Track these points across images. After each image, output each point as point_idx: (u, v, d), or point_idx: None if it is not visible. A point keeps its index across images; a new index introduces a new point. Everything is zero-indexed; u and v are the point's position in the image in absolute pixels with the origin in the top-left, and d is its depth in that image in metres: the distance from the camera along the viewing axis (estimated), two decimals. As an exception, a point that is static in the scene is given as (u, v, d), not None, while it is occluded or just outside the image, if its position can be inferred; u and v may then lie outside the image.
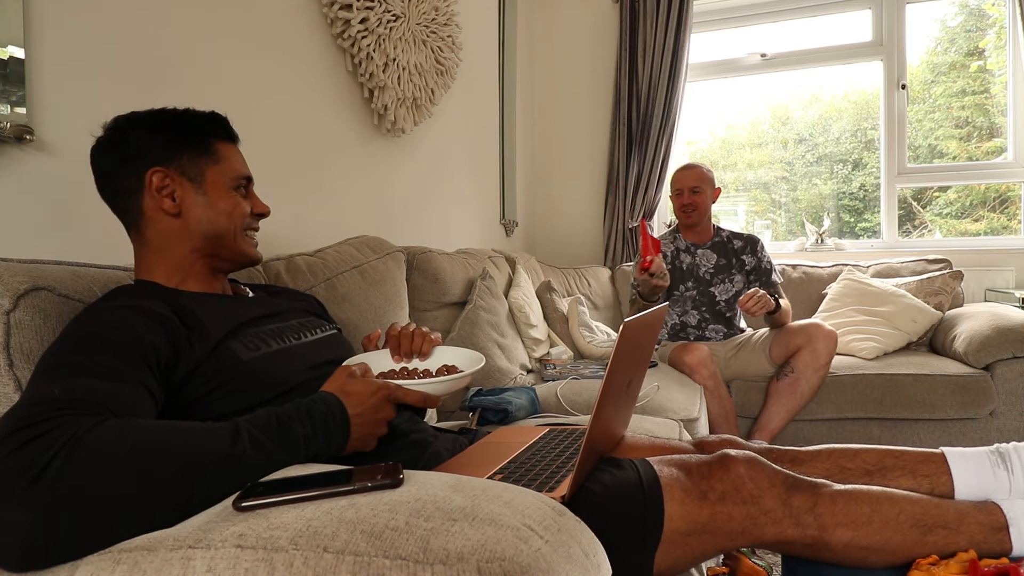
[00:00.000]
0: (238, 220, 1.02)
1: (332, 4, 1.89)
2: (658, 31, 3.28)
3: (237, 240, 1.03)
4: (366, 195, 2.14)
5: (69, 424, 0.61)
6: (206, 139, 1.01)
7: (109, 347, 0.76)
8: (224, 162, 1.02)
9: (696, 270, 2.50)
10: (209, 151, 1.00)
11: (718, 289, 2.51)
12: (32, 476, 0.56)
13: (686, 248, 2.53)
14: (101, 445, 0.60)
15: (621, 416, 1.13)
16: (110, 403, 0.68)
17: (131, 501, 0.60)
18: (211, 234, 1.00)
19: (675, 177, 2.53)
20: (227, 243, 1.02)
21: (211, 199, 0.99)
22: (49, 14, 1.15)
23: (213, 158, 1.00)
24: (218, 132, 1.03)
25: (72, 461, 0.58)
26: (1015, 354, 2.19)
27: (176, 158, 0.97)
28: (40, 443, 0.58)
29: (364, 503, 0.59)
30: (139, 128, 0.96)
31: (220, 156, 1.01)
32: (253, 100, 1.64)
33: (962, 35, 3.35)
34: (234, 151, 1.05)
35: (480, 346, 2.03)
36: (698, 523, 0.87)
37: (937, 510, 0.91)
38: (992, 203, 3.32)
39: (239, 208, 1.02)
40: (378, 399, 0.85)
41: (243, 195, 1.04)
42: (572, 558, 0.56)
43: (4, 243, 1.08)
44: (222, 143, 1.03)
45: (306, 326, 1.09)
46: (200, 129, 1.01)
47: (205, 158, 1.00)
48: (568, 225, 3.67)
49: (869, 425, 2.33)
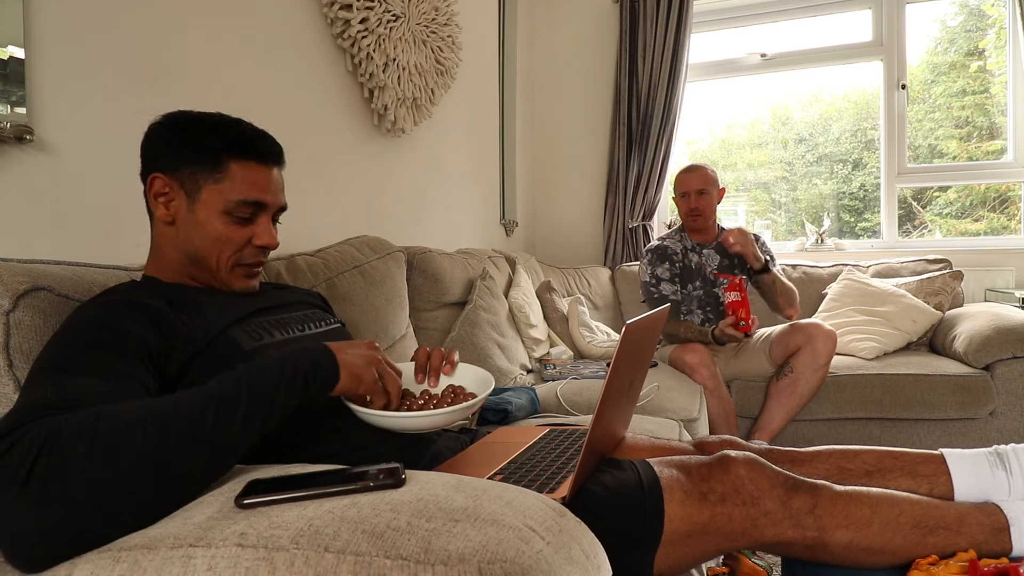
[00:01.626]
0: (225, 249, 0.96)
1: (332, 4, 1.89)
2: (658, 31, 3.28)
3: (220, 270, 0.97)
4: (366, 195, 2.14)
5: (48, 423, 0.61)
6: (218, 155, 0.94)
7: (99, 345, 0.76)
8: (228, 182, 0.94)
9: (703, 269, 2.50)
10: (216, 167, 0.94)
11: (722, 289, 2.51)
12: (21, 479, 0.56)
13: (692, 247, 2.52)
14: (79, 435, 0.59)
15: (622, 416, 1.13)
16: (103, 400, 0.68)
17: (121, 483, 0.59)
18: (193, 255, 0.96)
19: (680, 180, 2.50)
20: (209, 268, 0.97)
21: (198, 219, 0.94)
22: (49, 14, 1.15)
23: (215, 176, 0.94)
24: (237, 150, 0.95)
25: (53, 457, 0.57)
26: (1015, 354, 2.19)
27: (181, 167, 0.94)
28: (23, 446, 0.58)
29: (366, 502, 0.59)
30: (164, 128, 0.96)
31: (227, 175, 0.94)
32: (253, 100, 1.64)
33: (962, 35, 3.35)
34: (256, 173, 0.96)
35: (480, 346, 2.03)
36: (698, 524, 0.87)
37: (938, 511, 0.92)
38: (992, 203, 3.32)
39: (229, 236, 0.95)
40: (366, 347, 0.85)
41: (240, 222, 0.96)
42: (573, 559, 0.56)
43: (4, 243, 1.08)
44: (240, 162, 0.95)
45: (310, 318, 1.08)
46: (214, 143, 0.94)
47: (207, 174, 0.94)
48: (568, 225, 3.67)
49: (869, 425, 2.33)
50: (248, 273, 1.00)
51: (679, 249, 2.51)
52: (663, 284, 2.44)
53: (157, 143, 0.96)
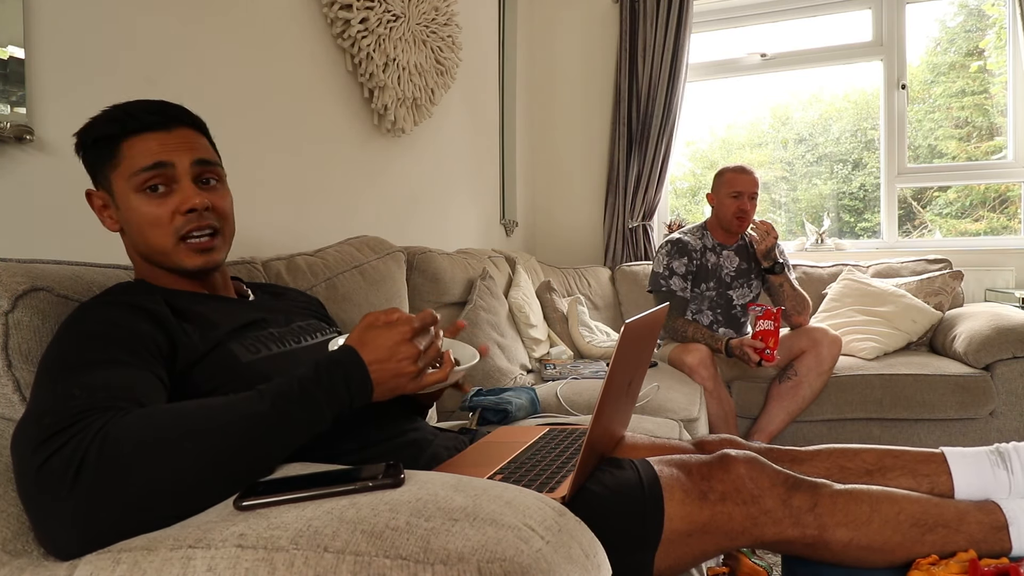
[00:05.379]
0: (156, 228, 0.88)
1: (332, 4, 1.89)
2: (658, 31, 3.28)
3: (168, 253, 0.90)
4: (366, 195, 2.14)
5: (94, 423, 0.63)
6: (112, 143, 0.88)
7: (114, 341, 0.76)
8: (125, 161, 0.87)
9: (719, 271, 2.48)
10: (112, 154, 0.88)
11: (736, 293, 2.50)
12: (71, 477, 0.59)
13: (712, 247, 2.49)
14: (128, 436, 0.62)
15: (621, 416, 1.13)
16: (130, 395, 0.70)
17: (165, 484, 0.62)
18: (146, 255, 0.92)
19: (733, 179, 2.42)
20: (161, 261, 0.91)
21: (123, 212, 0.89)
22: (49, 14, 1.15)
23: (115, 162, 0.87)
24: (125, 129, 0.87)
25: (103, 456, 0.60)
26: (1015, 354, 2.19)
27: (96, 174, 0.91)
28: (71, 446, 0.61)
29: (365, 503, 0.59)
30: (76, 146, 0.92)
31: (122, 156, 0.87)
32: (253, 100, 1.64)
33: (962, 35, 3.35)
34: (147, 141, 0.87)
35: (480, 346, 2.03)
36: (698, 523, 0.87)
37: (937, 509, 0.92)
38: (992, 203, 3.32)
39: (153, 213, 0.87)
40: (394, 342, 0.77)
41: (157, 195, 0.87)
42: (572, 558, 0.56)
43: (4, 243, 1.08)
44: (131, 139, 0.87)
45: (306, 330, 1.07)
46: (106, 133, 0.88)
47: (111, 166, 0.88)
48: (568, 225, 3.67)
49: (869, 425, 2.32)
50: (197, 247, 0.90)
51: (699, 247, 2.47)
52: (675, 279, 2.41)
53: (83, 161, 0.93)
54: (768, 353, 2.15)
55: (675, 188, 3.86)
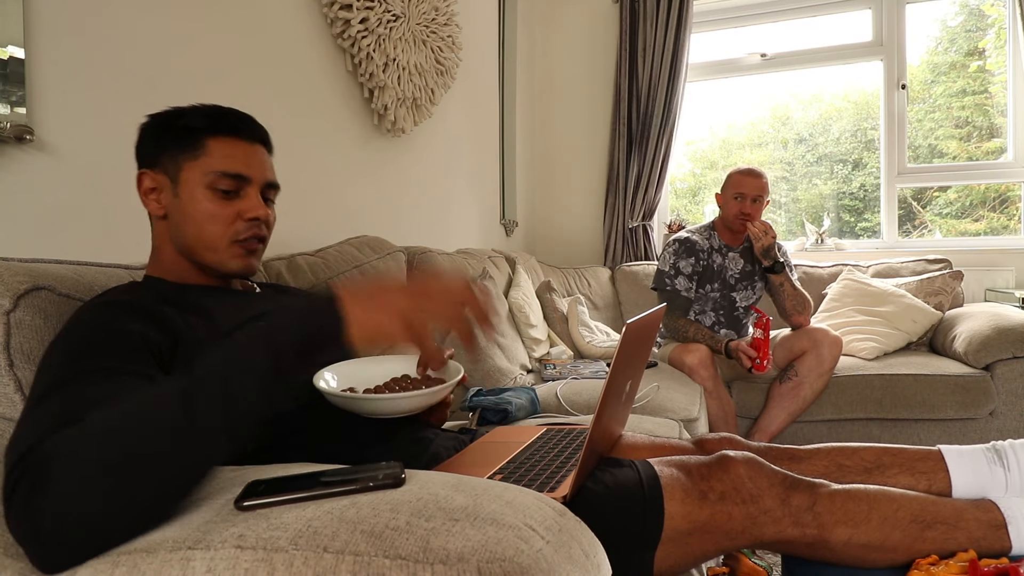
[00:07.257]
0: (214, 225, 0.93)
1: (332, 4, 1.89)
2: (658, 31, 3.28)
3: (217, 250, 0.94)
4: (366, 195, 2.14)
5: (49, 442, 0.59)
6: (197, 135, 0.92)
7: (99, 349, 0.74)
8: (206, 157, 0.92)
9: (724, 272, 2.48)
10: (195, 147, 0.92)
11: (740, 295, 2.49)
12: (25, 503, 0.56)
13: (718, 248, 2.48)
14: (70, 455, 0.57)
15: (620, 415, 1.13)
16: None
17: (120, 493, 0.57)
18: (187, 248, 0.94)
19: (738, 180, 2.40)
20: (201, 255, 0.94)
21: (182, 201, 0.92)
22: (49, 14, 1.15)
23: (194, 154, 0.92)
24: (215, 128, 0.93)
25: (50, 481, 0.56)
26: (1015, 354, 2.19)
27: (163, 157, 0.94)
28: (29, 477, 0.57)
29: (365, 502, 0.59)
30: (148, 126, 0.96)
31: (205, 151, 0.92)
32: (253, 100, 1.64)
33: (962, 35, 3.35)
34: (235, 147, 0.94)
35: (480, 346, 2.03)
36: (698, 523, 0.87)
37: (935, 507, 0.92)
38: (992, 203, 3.32)
39: (215, 211, 0.92)
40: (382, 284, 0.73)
41: (226, 196, 0.93)
42: (573, 558, 0.56)
43: (4, 243, 1.08)
44: (218, 138, 0.93)
45: None
46: (192, 124, 0.93)
47: (187, 155, 0.92)
48: (568, 225, 3.67)
49: (869, 425, 2.33)
50: (246, 250, 0.96)
51: (706, 247, 2.46)
52: (680, 278, 2.40)
53: (144, 141, 0.96)
54: (757, 363, 2.16)
55: (675, 188, 3.86)
